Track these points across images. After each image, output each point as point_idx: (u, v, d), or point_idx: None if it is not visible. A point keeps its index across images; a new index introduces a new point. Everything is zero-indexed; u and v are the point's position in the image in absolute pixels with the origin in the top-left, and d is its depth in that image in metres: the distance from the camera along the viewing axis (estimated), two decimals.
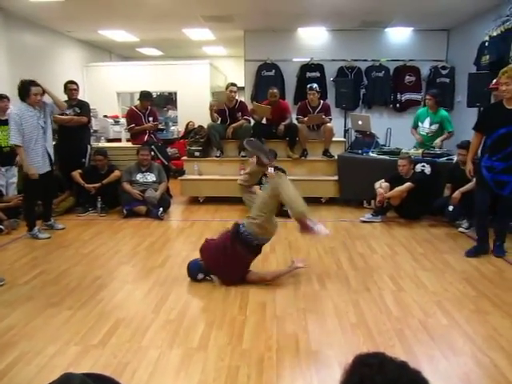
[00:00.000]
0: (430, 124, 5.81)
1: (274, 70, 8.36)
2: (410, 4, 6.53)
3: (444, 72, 8.14)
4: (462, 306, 2.95)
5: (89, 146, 6.03)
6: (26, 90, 4.40)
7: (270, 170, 5.49)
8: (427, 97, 5.92)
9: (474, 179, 4.48)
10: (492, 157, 3.79)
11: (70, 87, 5.79)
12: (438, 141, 5.74)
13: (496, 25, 6.06)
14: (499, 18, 6.05)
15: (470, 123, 4.26)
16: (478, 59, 6.42)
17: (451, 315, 2.82)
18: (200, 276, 3.37)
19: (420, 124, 5.92)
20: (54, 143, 5.03)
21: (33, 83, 4.44)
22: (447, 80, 8.09)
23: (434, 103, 5.75)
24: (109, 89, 9.73)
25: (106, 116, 8.76)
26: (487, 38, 6.18)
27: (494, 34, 6.01)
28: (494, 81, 4.94)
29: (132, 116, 6.38)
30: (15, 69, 6.66)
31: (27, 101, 4.42)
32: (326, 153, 6.28)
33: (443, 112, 5.85)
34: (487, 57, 6.14)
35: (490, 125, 3.81)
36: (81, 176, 5.62)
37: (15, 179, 5.29)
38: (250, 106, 6.81)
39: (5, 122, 5.17)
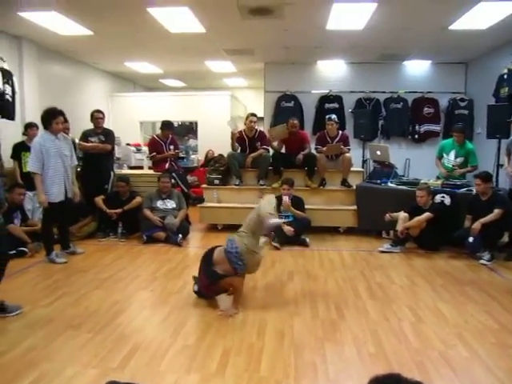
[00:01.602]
0: (456, 157, 5.76)
1: (293, 101, 8.53)
2: (427, 39, 6.66)
3: (462, 104, 8.18)
4: (484, 339, 2.89)
5: (112, 173, 6.19)
6: (49, 118, 4.53)
7: (285, 198, 5.56)
8: (455, 134, 5.79)
9: (495, 211, 4.46)
10: None
11: (97, 116, 6.01)
12: (460, 170, 5.71)
13: None
14: None
15: (488, 154, 4.28)
16: (496, 91, 6.47)
17: (472, 348, 2.76)
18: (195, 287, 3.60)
19: (445, 155, 5.87)
20: (78, 169, 5.18)
21: (55, 112, 4.57)
22: (466, 112, 8.12)
23: (463, 139, 5.76)
24: (132, 118, 10.04)
25: (128, 144, 9.01)
26: (506, 71, 6.26)
27: None
28: None
29: (154, 145, 6.55)
30: (45, 98, 6.96)
31: (49, 129, 4.55)
32: (344, 182, 6.30)
33: (469, 145, 5.80)
34: (506, 89, 6.19)
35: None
36: (103, 202, 5.75)
37: None
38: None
39: None
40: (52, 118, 4.53)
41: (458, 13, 5.42)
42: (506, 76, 6.24)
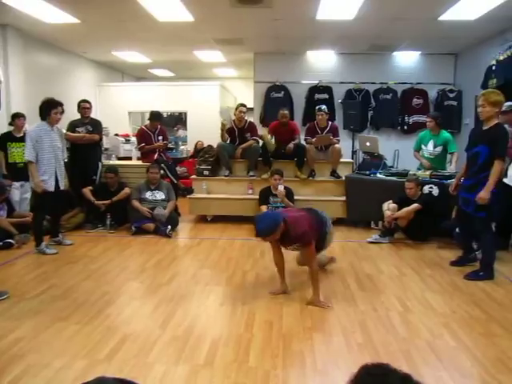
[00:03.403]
0: (434, 146, 5.77)
1: (282, 92, 8.49)
2: (417, 29, 6.66)
3: (451, 95, 8.21)
4: (471, 329, 2.93)
5: (100, 164, 6.13)
6: (49, 108, 4.50)
7: (280, 187, 5.57)
8: (427, 119, 5.84)
9: None
10: (466, 177, 4.04)
11: (83, 106, 5.93)
12: (452, 167, 5.74)
13: (503, 49, 6.15)
14: (505, 42, 6.14)
15: None
16: (485, 83, 6.49)
17: (459, 337, 2.79)
18: None
19: (423, 147, 5.87)
20: (65, 160, 5.13)
21: (55, 102, 4.55)
22: (455, 103, 8.16)
23: (434, 125, 5.70)
24: (120, 108, 9.93)
25: (116, 134, 8.91)
26: (494, 62, 6.26)
27: (501, 58, 6.09)
28: (506, 104, 4.99)
29: (142, 135, 6.49)
30: (31, 88, 6.85)
31: (48, 119, 4.53)
32: (333, 173, 6.32)
33: (446, 134, 5.80)
34: (494, 81, 6.20)
35: (469, 146, 4.01)
36: (91, 193, 5.70)
37: (28, 195, 5.38)
38: (258, 127, 6.90)
39: (20, 139, 5.32)
40: (52, 108, 4.52)
41: (448, 4, 5.42)
42: (494, 67, 6.25)
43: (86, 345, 2.65)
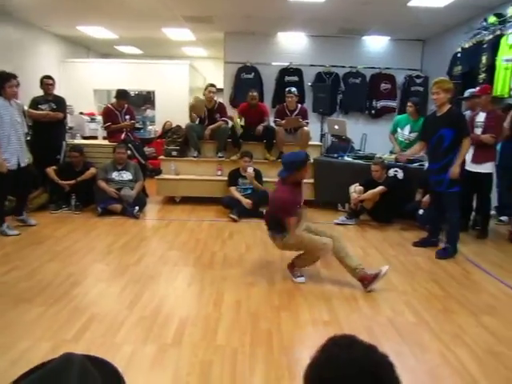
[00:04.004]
0: (410, 132, 5.87)
1: (253, 73, 8.42)
2: (386, 14, 6.72)
3: (418, 81, 8.37)
4: (430, 305, 3.06)
5: (64, 143, 5.94)
6: (1, 82, 4.29)
7: (250, 170, 5.57)
8: (408, 104, 5.89)
9: None
10: (432, 160, 4.26)
11: (46, 82, 5.70)
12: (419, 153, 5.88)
13: (468, 37, 6.30)
14: (471, 30, 6.28)
15: None
16: (450, 70, 6.64)
17: (419, 314, 2.92)
18: None
19: (399, 130, 5.95)
20: (28, 139, 4.95)
21: (8, 75, 4.34)
22: (421, 89, 8.32)
23: (414, 111, 5.79)
24: (85, 85, 9.59)
25: (81, 113, 8.65)
26: (459, 50, 6.41)
27: (466, 46, 6.24)
28: (468, 91, 5.14)
29: (108, 114, 6.33)
30: None
31: (3, 94, 4.33)
32: None
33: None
34: (459, 67, 6.35)
35: (429, 133, 4.22)
36: (55, 173, 5.53)
37: None
38: (228, 108, 6.85)
39: None
40: (5, 81, 4.30)
41: None
42: (459, 55, 6.40)
43: (51, 326, 2.61)
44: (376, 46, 8.58)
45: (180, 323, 2.70)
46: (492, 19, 5.77)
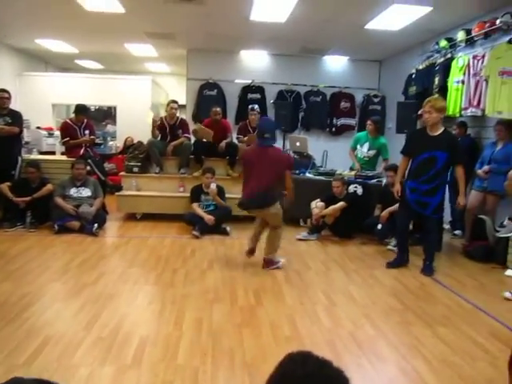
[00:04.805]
0: (369, 149, 6.06)
1: (215, 90, 8.49)
2: (345, 36, 6.97)
3: (376, 100, 8.68)
4: (389, 318, 3.13)
5: (19, 158, 5.74)
6: None
7: (212, 186, 5.57)
8: (368, 122, 6.11)
9: None
10: (417, 179, 4.07)
11: (1, 95, 5.52)
12: (379, 169, 6.06)
13: (422, 59, 6.62)
14: (424, 53, 6.61)
15: (398, 147, 4.58)
16: (405, 90, 6.94)
17: (378, 326, 2.98)
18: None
19: (359, 147, 6.15)
20: None
21: None
22: (379, 107, 8.63)
23: (374, 129, 6.00)
24: (43, 100, 9.34)
25: (39, 127, 8.41)
26: (414, 71, 6.72)
27: (420, 67, 6.56)
28: (421, 110, 5.37)
29: (66, 129, 6.18)
30: None
31: None
32: None
33: (382, 139, 6.12)
34: (414, 88, 6.65)
35: (415, 149, 4.13)
36: (10, 189, 5.33)
37: None
38: (190, 124, 6.84)
39: None
40: None
41: (373, 13, 5.72)
42: (414, 76, 6.71)
43: (2, 350, 2.48)
44: (336, 65, 8.86)
45: (140, 343, 2.63)
46: (443, 43, 6.11)
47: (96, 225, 5.23)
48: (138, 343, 2.63)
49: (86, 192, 5.51)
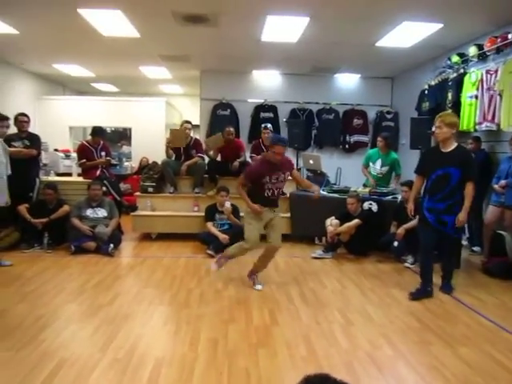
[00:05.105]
0: (381, 166, 6.07)
1: (229, 110, 8.59)
2: (356, 54, 7.02)
3: (389, 116, 8.67)
4: (407, 338, 3.06)
5: (37, 180, 5.86)
6: None
7: (227, 204, 5.58)
8: (378, 138, 6.16)
9: (417, 217, 4.73)
10: (432, 197, 3.93)
11: (21, 119, 5.67)
12: (392, 185, 6.03)
13: (434, 75, 6.62)
14: (436, 69, 6.61)
15: (413, 164, 4.53)
16: (418, 105, 6.93)
17: (396, 347, 2.91)
18: None
19: (371, 164, 6.17)
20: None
21: (2, 116, 4.39)
22: (392, 124, 8.62)
23: (384, 145, 6.02)
24: (61, 123, 9.58)
25: (56, 150, 8.59)
26: (427, 87, 6.71)
27: (433, 83, 6.55)
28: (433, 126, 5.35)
29: (83, 151, 6.30)
30: None
31: None
32: None
33: (394, 155, 6.12)
34: (427, 104, 6.64)
35: (429, 167, 4.01)
36: (28, 211, 5.42)
37: None
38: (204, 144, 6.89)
39: None
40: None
41: (384, 31, 5.77)
42: (426, 91, 6.70)
43: (18, 373, 2.48)
44: (348, 83, 8.90)
45: (155, 364, 2.61)
46: (455, 58, 6.11)
47: (112, 245, 5.27)
48: (153, 364, 2.61)
49: (101, 212, 5.57)
